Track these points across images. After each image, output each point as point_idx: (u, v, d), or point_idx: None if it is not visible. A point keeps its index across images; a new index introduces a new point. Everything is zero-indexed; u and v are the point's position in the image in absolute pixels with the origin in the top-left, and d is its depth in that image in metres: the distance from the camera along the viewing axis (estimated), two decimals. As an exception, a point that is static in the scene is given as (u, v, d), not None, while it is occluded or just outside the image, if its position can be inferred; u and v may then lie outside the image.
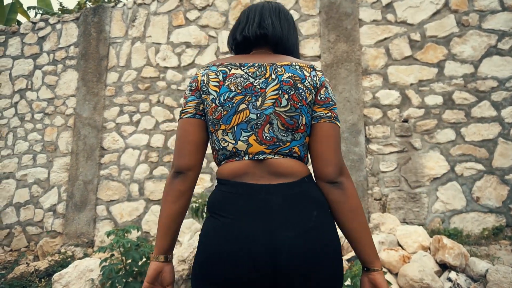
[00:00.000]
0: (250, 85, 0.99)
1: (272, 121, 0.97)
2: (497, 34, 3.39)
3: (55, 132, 4.70)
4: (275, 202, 0.92)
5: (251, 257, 0.87)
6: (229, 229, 0.91)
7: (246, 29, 1.09)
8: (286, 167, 0.96)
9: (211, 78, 1.02)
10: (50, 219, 4.49)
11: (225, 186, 0.98)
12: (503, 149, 3.24)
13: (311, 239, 0.90)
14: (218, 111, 0.98)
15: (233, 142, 0.98)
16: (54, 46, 4.95)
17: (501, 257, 2.73)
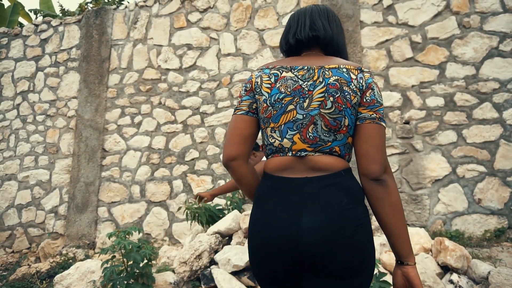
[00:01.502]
0: (299, 87, 1.06)
1: (317, 122, 1.04)
2: (499, 36, 3.39)
3: (57, 134, 4.72)
4: (308, 192, 1.00)
5: (281, 243, 0.98)
6: (267, 219, 1.02)
7: (298, 32, 1.14)
8: (324, 162, 1.04)
9: (264, 80, 1.10)
10: (51, 221, 4.50)
11: (269, 180, 1.08)
12: (504, 151, 3.23)
13: (335, 224, 0.97)
14: (268, 111, 1.08)
15: (279, 139, 1.07)
16: (56, 48, 4.96)
17: (503, 259, 2.72)
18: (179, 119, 4.27)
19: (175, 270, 2.61)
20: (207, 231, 2.89)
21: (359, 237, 0.98)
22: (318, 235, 0.96)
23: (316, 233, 0.96)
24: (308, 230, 0.97)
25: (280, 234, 0.99)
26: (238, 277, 2.40)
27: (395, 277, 1.05)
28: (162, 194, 4.17)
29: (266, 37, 4.09)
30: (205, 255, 2.60)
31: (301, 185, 1.02)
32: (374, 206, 1.03)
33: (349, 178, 1.05)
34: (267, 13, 4.13)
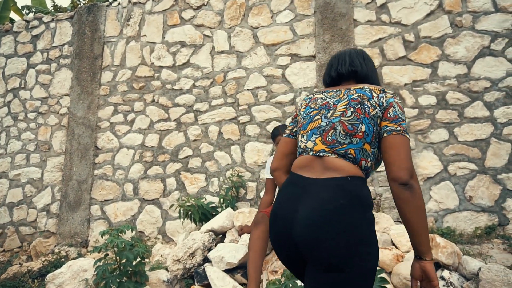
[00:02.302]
0: (326, 103, 1.32)
1: (336, 127, 1.24)
2: (490, 35, 3.42)
3: (49, 132, 4.67)
4: (313, 190, 1.16)
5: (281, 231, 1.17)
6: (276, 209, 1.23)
7: (339, 68, 1.41)
8: (337, 164, 1.19)
9: (302, 104, 1.42)
10: (43, 219, 4.46)
11: (290, 176, 1.30)
12: (495, 149, 3.27)
13: (324, 220, 1.09)
14: (300, 122, 1.36)
15: (305, 141, 1.30)
16: (48, 45, 4.91)
17: (493, 255, 2.75)
18: (173, 117, 4.26)
19: (168, 268, 2.61)
20: (201, 229, 2.89)
21: (345, 237, 1.07)
22: (307, 227, 1.10)
23: (306, 224, 1.10)
24: (300, 220, 1.12)
25: (281, 223, 1.19)
26: (231, 275, 2.41)
27: (414, 270, 1.19)
28: (155, 192, 4.16)
29: (260, 34, 4.09)
30: (198, 253, 2.60)
31: (310, 183, 1.18)
32: (401, 208, 1.15)
33: (355, 183, 1.16)
34: (261, 11, 4.13)
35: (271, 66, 3.99)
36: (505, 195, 3.18)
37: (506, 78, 3.32)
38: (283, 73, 3.94)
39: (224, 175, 3.95)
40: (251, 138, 3.94)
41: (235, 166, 3.94)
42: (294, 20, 4.00)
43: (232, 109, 4.06)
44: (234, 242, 2.69)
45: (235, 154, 3.97)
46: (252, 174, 3.87)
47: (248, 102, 4.01)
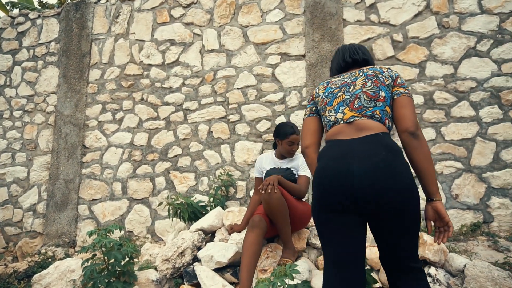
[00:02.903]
0: (344, 82, 1.54)
1: (360, 96, 1.46)
2: (476, 36, 3.48)
3: (35, 130, 4.59)
4: (355, 148, 1.32)
5: (338, 188, 1.28)
6: (324, 170, 1.35)
7: (353, 55, 1.66)
8: (367, 124, 1.39)
9: (320, 88, 1.63)
10: (29, 219, 4.39)
11: (327, 143, 1.44)
12: (481, 148, 3.33)
13: (378, 169, 1.25)
14: (324, 101, 1.56)
15: (334, 114, 1.49)
16: (34, 42, 4.83)
17: (478, 252, 2.81)
18: (162, 116, 4.23)
19: (157, 267, 2.60)
20: (190, 228, 2.88)
21: (400, 180, 1.26)
22: (366, 179, 1.24)
23: (365, 177, 1.25)
24: (358, 175, 1.25)
25: (336, 181, 1.29)
26: (221, 274, 2.40)
27: (427, 212, 1.38)
28: (144, 191, 4.13)
29: (249, 33, 4.08)
30: (188, 252, 2.59)
31: (349, 143, 1.35)
32: (411, 154, 1.36)
33: (386, 137, 1.36)
34: (251, 10, 4.12)
35: (261, 65, 4.00)
36: (490, 193, 3.25)
37: (491, 79, 3.39)
38: (273, 72, 3.95)
39: (214, 174, 3.94)
40: (241, 137, 3.94)
41: (225, 165, 3.93)
42: (284, 19, 4.01)
43: (222, 108, 4.05)
44: (224, 241, 2.69)
45: (224, 153, 3.97)
46: (242, 173, 3.87)
47: (238, 101, 4.01)
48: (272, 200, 2.22)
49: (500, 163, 3.27)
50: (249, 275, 2.09)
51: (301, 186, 2.47)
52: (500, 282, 2.04)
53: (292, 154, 2.60)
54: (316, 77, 3.74)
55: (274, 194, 2.21)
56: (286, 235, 2.35)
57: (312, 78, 3.76)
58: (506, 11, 3.43)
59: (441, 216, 1.35)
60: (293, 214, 2.37)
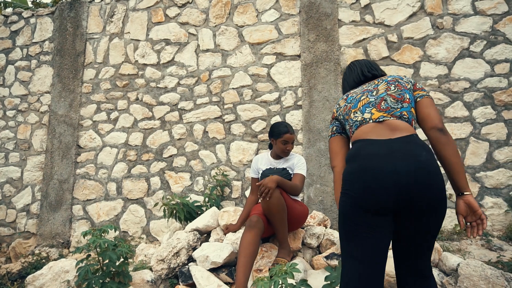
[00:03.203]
0: (366, 90, 1.61)
1: (386, 99, 1.51)
2: (470, 37, 3.51)
3: (29, 130, 4.56)
4: (397, 148, 1.33)
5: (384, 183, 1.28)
6: (368, 166, 1.33)
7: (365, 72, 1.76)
8: (399, 125, 1.42)
9: (340, 102, 1.70)
10: (23, 220, 4.36)
11: (358, 143, 1.44)
12: (474, 148, 3.36)
13: (421, 168, 1.29)
14: (348, 106, 1.61)
15: (361, 115, 1.52)
16: (27, 41, 4.79)
17: (471, 251, 2.83)
18: (157, 115, 4.21)
19: (152, 268, 2.59)
20: (185, 228, 2.87)
21: (439, 179, 1.30)
22: (412, 178, 1.27)
23: (411, 175, 1.27)
24: (405, 174, 1.27)
25: (381, 180, 1.28)
26: (216, 274, 2.40)
27: (458, 207, 1.40)
28: (139, 191, 4.11)
29: (245, 33, 4.08)
30: (183, 253, 2.58)
31: (388, 143, 1.36)
32: (441, 150, 1.40)
33: (418, 138, 1.40)
34: (246, 10, 4.13)
35: (256, 65, 4.00)
36: (483, 192, 3.28)
37: (484, 79, 3.42)
38: (268, 72, 3.95)
39: (209, 174, 3.94)
40: (236, 137, 3.94)
41: (220, 165, 3.93)
42: (279, 19, 4.01)
43: (217, 108, 4.04)
44: (219, 241, 2.69)
45: (220, 153, 3.96)
46: (237, 173, 3.87)
47: (233, 100, 4.01)
48: (271, 200, 2.22)
49: (493, 163, 3.30)
50: (245, 275, 2.09)
51: (297, 184, 2.48)
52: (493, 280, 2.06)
53: (286, 153, 2.60)
54: (311, 77, 3.75)
55: (274, 193, 2.22)
56: (283, 235, 2.36)
57: (307, 78, 3.77)
58: (499, 12, 3.46)
59: (474, 209, 1.37)
60: (290, 214, 2.38)
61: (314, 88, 3.73)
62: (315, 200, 3.52)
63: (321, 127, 3.63)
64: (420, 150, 1.33)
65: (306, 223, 2.85)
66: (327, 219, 2.94)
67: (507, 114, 3.33)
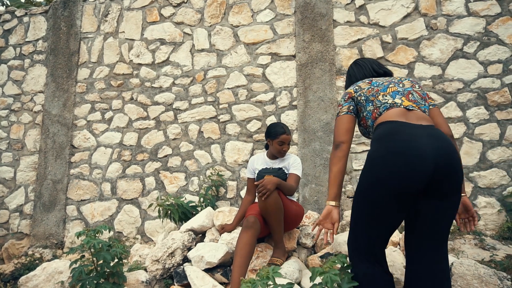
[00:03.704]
0: (389, 80, 1.70)
1: (412, 93, 1.64)
2: (463, 38, 3.54)
3: (22, 130, 4.52)
4: (429, 131, 1.44)
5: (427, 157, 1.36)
6: (407, 146, 1.39)
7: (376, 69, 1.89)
8: (425, 116, 1.54)
9: (361, 85, 1.73)
10: (16, 220, 4.32)
11: (390, 123, 1.50)
12: (468, 148, 3.39)
13: (453, 151, 1.43)
14: (375, 89, 1.67)
15: (392, 98, 1.61)
16: (21, 40, 4.75)
17: (465, 251, 2.86)
18: (152, 115, 4.20)
19: (147, 268, 2.58)
20: (180, 229, 2.86)
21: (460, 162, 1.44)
22: (453, 156, 1.40)
23: (452, 154, 1.40)
24: (448, 150, 1.40)
25: (425, 155, 1.36)
26: (211, 274, 2.40)
27: None
28: (134, 191, 4.09)
29: (240, 33, 4.08)
30: (178, 253, 2.58)
31: (421, 127, 1.45)
32: None
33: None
34: (242, 10, 4.12)
35: (252, 65, 4.00)
36: (477, 192, 3.31)
37: (477, 80, 3.45)
38: (264, 72, 3.95)
39: (204, 174, 3.93)
40: (231, 137, 3.94)
41: (215, 165, 3.93)
42: (274, 19, 4.02)
43: (212, 108, 4.04)
44: (214, 241, 2.69)
45: (215, 153, 3.96)
46: (233, 173, 3.87)
47: (228, 100, 4.00)
48: (269, 200, 2.22)
49: (486, 163, 3.33)
50: (241, 275, 2.09)
51: (292, 185, 2.49)
52: (486, 279, 2.08)
53: (282, 154, 2.61)
54: (306, 77, 3.76)
55: (272, 194, 2.22)
56: (279, 235, 2.36)
57: (302, 78, 3.78)
58: (492, 13, 3.50)
59: (468, 209, 1.59)
60: (287, 214, 2.38)
61: (309, 88, 3.73)
62: (310, 200, 3.53)
63: (316, 127, 3.64)
64: (447, 138, 1.45)
65: (301, 223, 2.86)
66: (322, 219, 2.94)
67: (500, 115, 3.37)
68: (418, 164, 1.34)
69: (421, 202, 1.41)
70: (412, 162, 1.35)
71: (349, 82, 1.95)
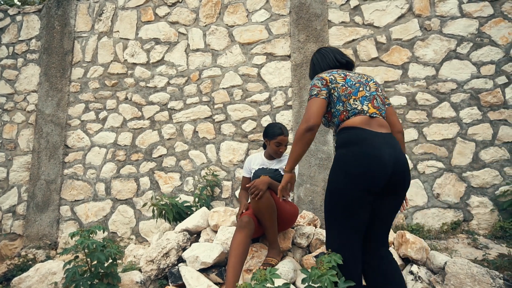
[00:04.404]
0: (360, 80, 1.80)
1: (376, 98, 1.77)
2: (456, 39, 3.57)
3: (15, 129, 4.48)
4: (389, 141, 1.65)
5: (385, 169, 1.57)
6: (374, 154, 1.59)
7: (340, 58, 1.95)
8: (384, 123, 1.72)
9: (336, 77, 1.78)
10: (9, 221, 4.28)
11: (357, 130, 1.67)
12: (461, 148, 3.42)
13: (404, 159, 1.66)
14: (348, 90, 1.74)
15: (360, 105, 1.73)
16: (14, 39, 4.70)
17: (458, 250, 2.88)
18: (146, 115, 4.18)
19: (142, 269, 2.57)
20: (175, 229, 2.85)
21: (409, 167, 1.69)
22: (403, 166, 1.63)
23: (403, 161, 1.64)
24: (400, 159, 1.62)
25: (384, 166, 1.57)
26: (206, 274, 2.40)
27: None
28: (129, 191, 4.08)
29: (235, 33, 4.08)
30: (172, 253, 2.57)
31: (382, 136, 1.64)
32: (401, 148, 1.74)
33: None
34: (237, 10, 4.12)
35: (247, 65, 4.00)
36: (470, 192, 3.34)
37: (470, 81, 3.48)
38: (259, 72, 3.96)
39: (199, 174, 3.93)
40: (227, 137, 3.94)
41: (210, 165, 3.92)
42: (269, 19, 4.02)
43: (207, 108, 4.03)
44: (209, 242, 2.68)
45: (210, 153, 3.95)
46: (228, 173, 3.87)
47: (223, 100, 4.00)
48: (261, 201, 2.23)
49: (479, 162, 3.36)
50: (235, 275, 2.09)
51: None
52: (479, 278, 2.10)
53: (279, 155, 2.61)
54: (301, 78, 3.77)
55: (264, 194, 2.22)
56: (273, 235, 2.36)
57: (297, 78, 3.79)
58: (485, 15, 3.53)
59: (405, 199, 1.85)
60: (281, 214, 2.38)
61: (304, 88, 3.74)
62: (305, 200, 3.54)
63: (311, 127, 3.65)
64: (400, 146, 1.69)
65: (296, 223, 2.86)
66: (317, 219, 2.95)
67: (493, 115, 3.40)
68: (381, 168, 1.57)
69: (377, 201, 1.65)
70: (378, 165, 1.57)
71: (312, 70, 2.02)
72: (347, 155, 1.63)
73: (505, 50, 3.45)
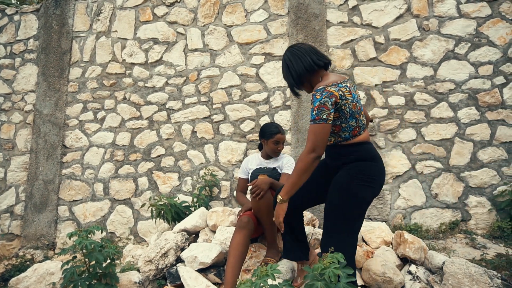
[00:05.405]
0: (354, 93, 1.82)
1: (361, 110, 1.86)
2: (455, 39, 3.58)
3: (13, 129, 4.47)
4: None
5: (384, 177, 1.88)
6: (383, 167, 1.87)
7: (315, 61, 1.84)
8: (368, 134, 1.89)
9: (345, 92, 1.75)
10: (6, 221, 4.26)
11: (369, 145, 1.85)
12: (459, 148, 3.43)
13: None
14: (357, 106, 1.80)
15: (362, 120, 1.85)
16: (11, 39, 4.69)
17: (456, 249, 2.89)
18: (145, 115, 4.18)
19: (140, 269, 2.56)
20: (173, 229, 2.85)
21: None
22: None
23: None
24: None
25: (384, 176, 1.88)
26: (204, 274, 2.39)
27: None
28: (127, 191, 4.07)
29: (234, 33, 4.08)
30: (171, 253, 2.57)
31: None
32: None
33: None
34: (235, 10, 4.12)
35: (245, 65, 4.00)
36: (468, 192, 3.34)
37: (468, 81, 3.49)
38: (257, 72, 3.96)
39: (198, 174, 3.92)
40: (225, 137, 3.93)
41: (209, 165, 3.92)
42: (268, 19, 4.02)
43: (206, 108, 4.03)
44: (208, 242, 2.68)
45: (208, 153, 3.95)
46: (226, 173, 3.86)
47: (222, 100, 4.00)
48: (262, 200, 2.23)
49: (477, 162, 3.37)
50: (234, 275, 2.09)
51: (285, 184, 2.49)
52: (477, 278, 2.10)
53: (277, 153, 2.61)
54: (300, 78, 3.77)
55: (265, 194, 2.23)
56: (272, 235, 2.37)
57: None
58: (482, 15, 3.54)
59: None
60: None
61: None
62: (304, 200, 3.54)
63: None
64: None
65: (295, 223, 2.85)
66: (315, 219, 2.95)
67: (491, 115, 3.41)
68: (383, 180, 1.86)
69: None
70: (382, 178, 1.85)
71: (287, 73, 1.88)
72: (372, 168, 1.79)
73: (503, 51, 3.46)
